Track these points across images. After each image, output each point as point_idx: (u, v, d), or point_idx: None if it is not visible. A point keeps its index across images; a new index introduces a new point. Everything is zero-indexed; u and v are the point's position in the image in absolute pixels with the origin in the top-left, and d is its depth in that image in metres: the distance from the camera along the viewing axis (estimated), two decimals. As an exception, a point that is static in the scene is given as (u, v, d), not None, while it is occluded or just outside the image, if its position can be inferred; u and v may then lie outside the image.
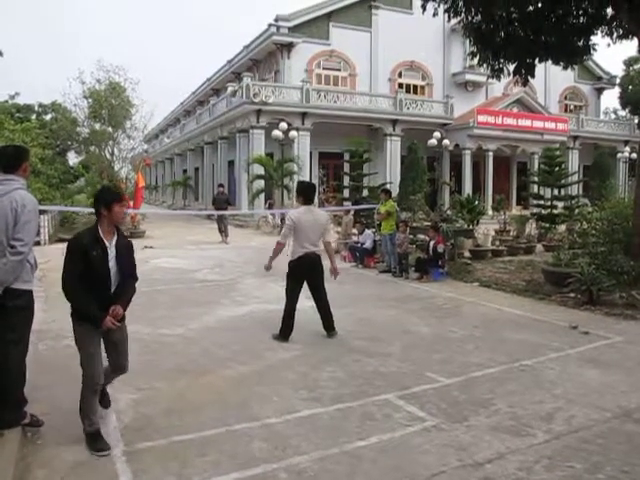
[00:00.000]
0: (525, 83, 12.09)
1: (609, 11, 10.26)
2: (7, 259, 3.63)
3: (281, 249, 6.52)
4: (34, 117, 36.70)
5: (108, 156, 31.53)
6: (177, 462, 3.55)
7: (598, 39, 11.08)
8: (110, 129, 30.93)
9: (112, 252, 3.81)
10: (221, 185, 20.42)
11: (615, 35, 10.83)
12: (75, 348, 3.88)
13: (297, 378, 5.13)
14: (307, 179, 25.66)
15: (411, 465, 3.53)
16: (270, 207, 24.35)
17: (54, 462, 3.53)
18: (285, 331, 6.47)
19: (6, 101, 36.69)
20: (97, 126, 31.44)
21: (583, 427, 4.09)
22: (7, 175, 3.82)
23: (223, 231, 17.67)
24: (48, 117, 37.35)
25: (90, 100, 30.68)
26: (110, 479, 3.35)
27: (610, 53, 21.68)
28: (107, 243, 3.78)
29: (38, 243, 13.88)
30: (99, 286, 3.77)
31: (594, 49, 11.32)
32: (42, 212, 15.37)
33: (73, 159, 38.91)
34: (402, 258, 11.28)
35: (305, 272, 6.47)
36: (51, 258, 11.25)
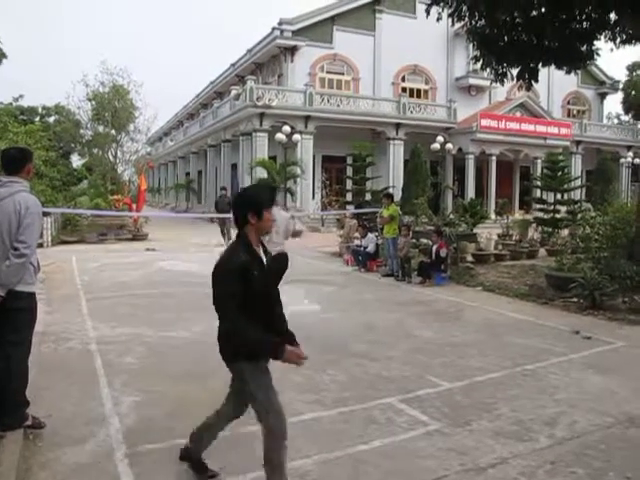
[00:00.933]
0: (529, 88, 12.09)
1: (612, 16, 10.25)
2: (10, 261, 3.64)
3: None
4: (38, 119, 36.84)
5: (111, 159, 31.67)
6: (179, 465, 3.53)
7: (601, 44, 11.08)
8: (113, 132, 31.07)
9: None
10: (224, 188, 20.42)
11: (618, 40, 10.82)
12: (78, 350, 3.88)
13: (300, 381, 5.12)
14: (310, 182, 25.73)
15: (413, 469, 3.52)
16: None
17: (56, 464, 3.53)
18: None
19: (10, 103, 36.83)
20: (100, 129, 31.59)
21: (586, 432, 4.08)
22: (11, 177, 3.83)
23: (225, 234, 17.67)
24: (51, 119, 37.49)
25: (94, 102, 30.81)
26: (112, 481, 3.35)
27: (613, 58, 21.69)
28: (263, 258, 3.10)
29: (41, 245, 13.90)
30: (263, 313, 3.06)
31: (597, 54, 11.31)
32: (45, 214, 15.42)
33: (76, 161, 39.10)
34: (404, 262, 11.29)
35: (275, 271, 6.69)
36: (54, 260, 11.29)
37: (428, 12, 11.05)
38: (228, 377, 5.21)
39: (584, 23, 10.56)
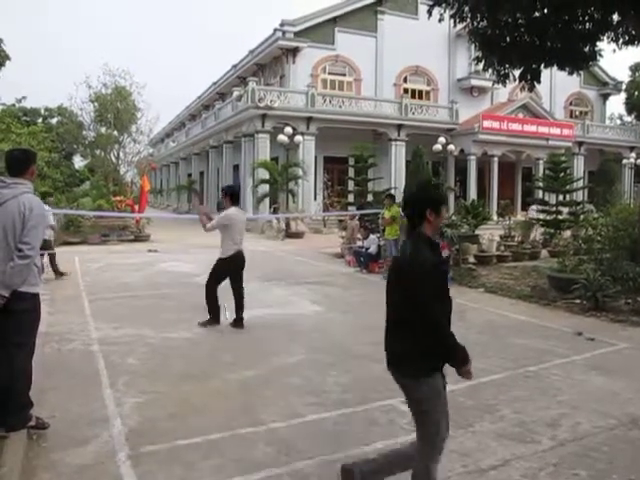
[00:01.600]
0: (531, 89, 12.08)
1: (615, 17, 10.25)
2: (14, 262, 3.66)
3: (206, 229, 7.31)
4: (40, 121, 36.88)
5: (114, 160, 31.69)
6: (181, 466, 3.55)
7: (604, 45, 11.09)
8: (116, 133, 31.09)
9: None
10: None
11: (621, 41, 10.81)
12: (80, 351, 3.88)
13: (302, 383, 5.13)
14: (312, 183, 25.74)
15: (416, 471, 3.51)
16: (275, 211, 24.38)
17: (59, 465, 3.54)
18: (213, 315, 7.24)
19: (13, 105, 36.87)
20: (103, 130, 31.60)
21: (588, 434, 4.07)
22: (15, 178, 3.85)
23: None
24: (54, 121, 37.52)
25: (96, 104, 30.85)
26: (115, 483, 3.36)
27: (616, 59, 21.67)
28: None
29: (50, 247, 13.91)
30: (447, 316, 2.84)
31: (600, 55, 11.31)
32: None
33: (79, 162, 39.07)
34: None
35: (236, 268, 7.28)
36: (57, 261, 11.30)
37: (430, 13, 11.06)
38: (229, 378, 5.24)
39: (587, 24, 10.56)
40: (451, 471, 3.51)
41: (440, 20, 11.05)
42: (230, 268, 7.23)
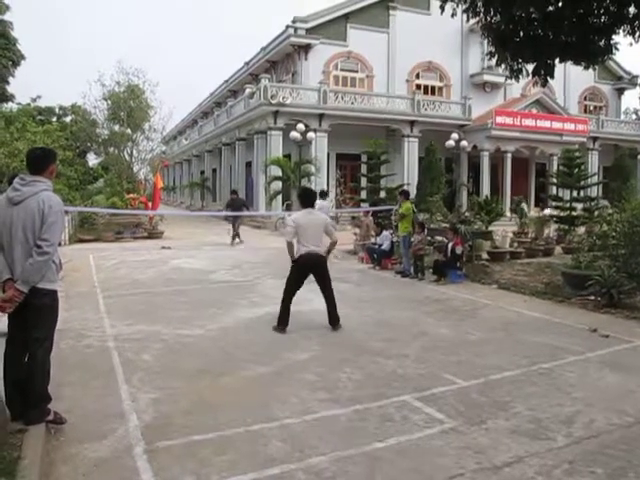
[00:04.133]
0: (544, 84, 11.95)
1: (632, 10, 10.11)
2: (34, 259, 3.72)
3: (290, 245, 6.99)
4: (55, 119, 37.24)
5: (127, 157, 31.94)
6: (196, 461, 3.58)
7: (620, 38, 10.92)
8: (129, 131, 31.32)
9: None
10: (234, 192, 20.19)
11: (637, 34, 10.64)
12: (96, 347, 3.94)
13: (315, 379, 5.15)
14: (325, 180, 25.74)
15: (429, 467, 3.52)
16: (288, 208, 24.41)
17: (77, 459, 3.59)
18: (281, 322, 6.91)
19: (28, 104, 37.27)
20: (116, 128, 31.85)
21: (604, 432, 4.05)
22: (34, 176, 3.92)
23: (235, 232, 17.64)
24: (68, 119, 37.85)
25: (109, 102, 31.09)
26: (131, 477, 3.40)
27: (632, 52, 21.38)
28: None
29: (59, 244, 14.09)
30: None
31: (616, 48, 11.15)
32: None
33: (92, 160, 39.44)
34: (417, 259, 11.26)
35: (307, 269, 7.00)
36: (71, 258, 11.42)
37: (443, 8, 10.97)
38: (243, 374, 5.28)
39: (602, 17, 10.42)
40: (464, 468, 3.51)
41: (453, 15, 10.93)
42: (305, 268, 7.03)
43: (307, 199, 7.29)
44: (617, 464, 3.56)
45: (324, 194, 14.88)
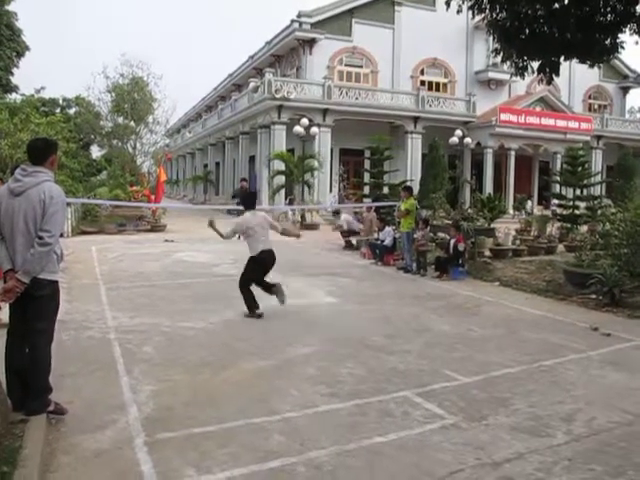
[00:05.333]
0: (549, 81, 11.92)
1: (638, 8, 10.06)
2: (35, 250, 3.72)
3: (221, 235, 7.60)
4: (58, 111, 37.22)
5: (130, 150, 31.94)
6: (197, 453, 3.59)
7: (625, 37, 10.87)
8: (133, 123, 31.33)
9: None
10: (244, 179, 20.18)
11: (644, 33, 10.62)
12: (97, 339, 3.95)
13: (316, 373, 5.15)
14: (328, 175, 25.76)
15: (429, 462, 3.53)
16: (291, 203, 24.41)
17: (78, 449, 3.60)
18: (253, 308, 7.28)
19: (32, 95, 37.24)
20: (120, 120, 31.85)
21: (604, 429, 4.05)
22: (36, 167, 3.91)
23: None
24: (72, 111, 37.85)
25: (113, 94, 31.08)
26: (131, 468, 3.41)
27: (637, 51, 21.30)
28: None
29: (62, 235, 14.12)
30: None
31: (622, 47, 11.10)
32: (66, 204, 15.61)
33: (96, 152, 39.46)
34: (419, 256, 11.25)
35: (269, 264, 7.54)
36: (74, 250, 11.45)
37: (448, 4, 10.93)
38: (244, 367, 5.29)
39: (608, 15, 10.38)
40: (464, 463, 3.51)
41: (458, 12, 10.90)
42: (264, 264, 7.57)
43: (250, 201, 7.88)
44: (616, 462, 3.56)
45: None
